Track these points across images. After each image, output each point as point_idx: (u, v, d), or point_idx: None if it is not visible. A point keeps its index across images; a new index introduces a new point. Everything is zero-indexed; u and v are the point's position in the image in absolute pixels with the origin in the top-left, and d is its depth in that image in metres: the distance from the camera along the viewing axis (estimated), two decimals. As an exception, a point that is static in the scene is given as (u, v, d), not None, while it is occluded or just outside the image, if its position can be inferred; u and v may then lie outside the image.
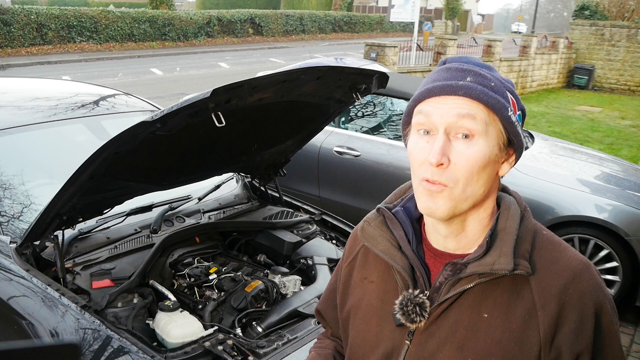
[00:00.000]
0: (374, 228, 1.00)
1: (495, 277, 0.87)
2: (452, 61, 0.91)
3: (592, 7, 18.43)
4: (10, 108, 2.58)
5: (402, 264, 0.94)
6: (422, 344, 0.92)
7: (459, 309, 0.89)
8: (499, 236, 0.89)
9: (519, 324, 0.86)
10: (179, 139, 1.78)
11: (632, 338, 3.53)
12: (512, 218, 0.91)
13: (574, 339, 0.84)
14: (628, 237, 3.50)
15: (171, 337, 1.72)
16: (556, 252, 0.90)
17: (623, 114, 12.66)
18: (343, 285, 1.08)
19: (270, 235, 2.45)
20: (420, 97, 0.89)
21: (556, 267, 0.88)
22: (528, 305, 0.86)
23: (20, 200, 2.15)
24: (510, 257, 0.86)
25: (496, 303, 0.88)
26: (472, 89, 0.85)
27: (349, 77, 2.04)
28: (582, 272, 0.87)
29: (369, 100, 4.64)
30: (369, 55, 10.26)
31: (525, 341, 0.85)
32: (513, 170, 3.79)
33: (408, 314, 0.90)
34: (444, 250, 0.94)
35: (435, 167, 0.84)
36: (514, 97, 0.90)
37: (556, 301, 0.85)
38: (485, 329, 0.87)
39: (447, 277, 0.90)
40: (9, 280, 1.80)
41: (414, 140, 0.90)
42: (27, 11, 17.09)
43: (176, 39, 21.68)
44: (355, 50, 21.56)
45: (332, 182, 4.35)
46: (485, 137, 0.85)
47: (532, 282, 0.87)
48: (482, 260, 0.88)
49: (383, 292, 0.99)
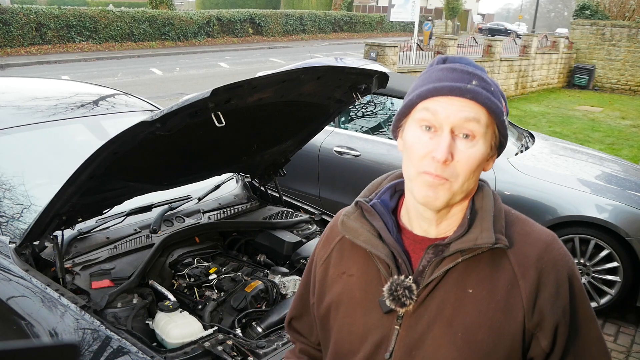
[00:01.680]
0: (353, 221, 1.04)
1: (476, 254, 0.94)
2: (454, 61, 0.95)
3: (592, 6, 18.42)
4: (10, 108, 2.57)
5: (384, 252, 0.98)
6: (412, 326, 0.96)
7: (445, 287, 0.95)
8: (478, 214, 0.96)
9: (502, 294, 0.93)
10: (179, 139, 1.78)
11: (632, 338, 3.52)
12: (486, 197, 0.99)
13: (554, 301, 0.93)
14: (629, 238, 3.49)
15: (171, 338, 1.72)
16: (527, 226, 0.99)
17: (624, 114, 12.66)
18: (319, 283, 1.10)
19: (270, 235, 2.45)
20: (427, 94, 0.92)
21: (529, 239, 0.96)
22: (509, 276, 0.93)
23: (19, 200, 2.15)
24: (491, 231, 0.93)
25: (479, 278, 0.94)
26: (479, 93, 0.90)
27: (349, 77, 2.04)
28: (552, 242, 0.97)
29: (369, 100, 4.64)
30: (369, 55, 10.26)
31: (510, 309, 0.92)
32: (513, 171, 3.83)
33: (398, 298, 0.94)
34: (424, 235, 1.00)
35: (441, 164, 0.89)
36: (504, 101, 0.96)
37: (534, 269, 0.93)
38: (472, 303, 0.93)
39: (430, 259, 0.96)
40: (8, 281, 1.80)
41: (415, 134, 0.94)
42: (27, 11, 17.08)
43: (176, 38, 21.68)
44: (355, 50, 21.56)
45: (332, 182, 4.35)
46: (484, 139, 0.92)
47: (510, 254, 0.94)
48: (464, 238, 0.94)
49: (365, 283, 1.02)
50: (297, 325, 1.21)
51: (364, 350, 0.99)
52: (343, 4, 36.90)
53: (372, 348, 0.99)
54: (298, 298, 1.21)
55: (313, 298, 1.12)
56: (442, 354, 0.93)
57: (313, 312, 1.13)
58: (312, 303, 1.12)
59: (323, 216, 2.72)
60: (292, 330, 1.23)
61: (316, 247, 1.16)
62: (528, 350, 0.94)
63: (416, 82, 0.97)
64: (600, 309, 3.69)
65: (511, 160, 3.96)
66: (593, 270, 3.70)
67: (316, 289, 1.11)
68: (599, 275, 3.68)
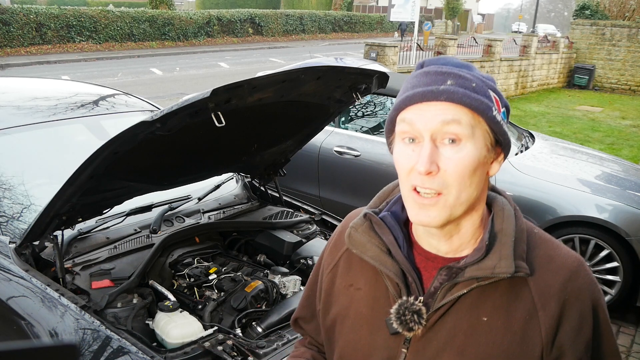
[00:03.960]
0: (361, 234, 0.96)
1: (492, 281, 0.86)
2: (430, 64, 0.88)
3: (592, 6, 18.42)
4: (10, 108, 2.57)
5: (393, 270, 0.92)
6: (420, 351, 0.90)
7: (457, 313, 0.88)
8: (497, 238, 0.88)
9: (520, 325, 0.85)
10: (179, 139, 1.78)
11: (632, 338, 3.52)
12: (507, 219, 0.90)
13: (575, 336, 0.85)
14: (629, 237, 3.49)
15: (171, 338, 1.71)
16: (550, 250, 0.90)
17: (624, 114, 12.66)
18: (325, 292, 1.05)
19: (270, 235, 2.45)
20: (402, 105, 0.86)
21: (552, 266, 0.88)
22: (528, 306, 0.86)
23: (19, 200, 2.15)
24: (511, 260, 0.85)
25: (495, 306, 0.87)
26: (454, 92, 0.82)
27: (349, 77, 2.04)
28: (578, 269, 0.88)
29: (369, 100, 4.64)
30: (369, 55, 10.26)
31: (527, 342, 0.85)
32: (513, 171, 3.83)
33: (406, 322, 0.88)
34: (436, 253, 0.93)
35: (425, 176, 0.83)
36: (496, 95, 0.87)
37: (556, 300, 0.85)
38: (486, 332, 0.86)
39: (442, 281, 0.89)
40: (8, 281, 1.80)
41: (399, 149, 0.88)
42: (27, 11, 17.09)
43: (176, 38, 21.68)
44: (355, 50, 21.55)
45: (332, 182, 4.35)
46: (473, 140, 0.83)
47: (530, 282, 0.86)
48: (481, 264, 0.86)
49: (372, 300, 0.96)
50: (303, 326, 1.18)
51: None
52: (343, 4, 36.91)
53: None
54: (305, 299, 1.16)
55: (319, 305, 1.07)
56: None
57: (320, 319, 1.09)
58: (318, 310, 1.08)
59: (323, 216, 2.72)
60: (298, 327, 1.20)
61: (324, 250, 1.11)
62: None
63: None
64: (600, 309, 3.69)
65: (511, 160, 3.96)
66: (593, 271, 3.69)
67: (322, 298, 1.06)
68: (599, 275, 3.68)
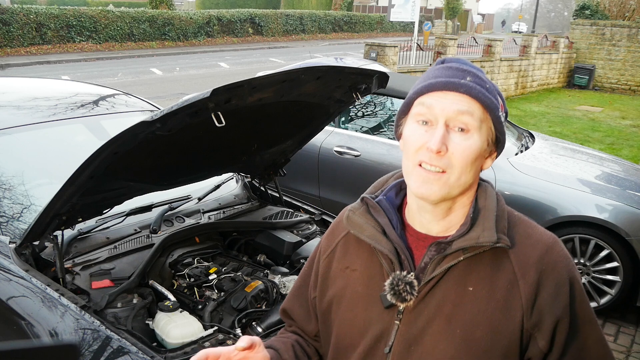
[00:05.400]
0: (359, 216, 1.06)
1: (477, 253, 0.95)
2: (451, 61, 0.99)
3: (592, 6, 18.42)
4: (10, 108, 2.58)
5: (387, 248, 1.00)
6: (412, 322, 0.97)
7: (445, 285, 0.96)
8: (481, 213, 0.98)
9: (502, 293, 0.94)
10: (179, 139, 1.78)
11: (632, 338, 3.52)
12: (489, 198, 1.01)
13: (552, 302, 0.94)
14: (629, 237, 3.49)
15: (171, 338, 1.71)
16: (529, 228, 1.00)
17: (624, 114, 12.66)
18: (322, 277, 1.12)
19: (270, 235, 2.44)
20: (423, 90, 0.96)
21: (531, 241, 0.97)
22: (509, 276, 0.95)
23: (19, 200, 2.15)
24: (493, 230, 0.95)
25: (480, 276, 0.95)
26: (472, 88, 0.93)
27: (349, 77, 2.04)
28: (553, 244, 0.98)
29: (369, 100, 4.64)
30: (369, 55, 10.26)
31: (509, 309, 0.94)
32: (513, 171, 3.83)
33: (399, 293, 0.95)
34: (427, 233, 1.02)
35: (435, 154, 0.92)
36: (501, 99, 0.98)
37: (534, 270, 0.94)
38: (472, 301, 0.95)
39: (432, 256, 0.97)
40: (8, 281, 1.80)
41: (412, 128, 0.97)
42: (27, 11, 17.08)
43: (176, 38, 21.68)
44: (355, 50, 21.55)
45: (332, 182, 4.35)
46: (479, 133, 0.94)
47: (511, 255, 0.96)
48: (466, 236, 0.95)
49: (368, 278, 1.04)
50: (292, 313, 1.23)
51: (363, 344, 1.01)
52: (343, 4, 36.90)
53: (372, 342, 1.00)
54: (296, 289, 1.22)
55: (314, 292, 1.14)
56: (440, 350, 0.95)
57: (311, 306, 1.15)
58: (314, 297, 1.14)
59: (323, 216, 2.72)
60: (286, 316, 1.25)
61: (321, 240, 1.18)
62: (526, 351, 0.95)
63: (415, 83, 1.00)
64: (600, 309, 3.69)
65: (511, 160, 3.96)
66: (593, 270, 3.70)
67: (318, 283, 1.12)
68: (599, 275, 3.68)
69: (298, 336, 1.21)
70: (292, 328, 1.24)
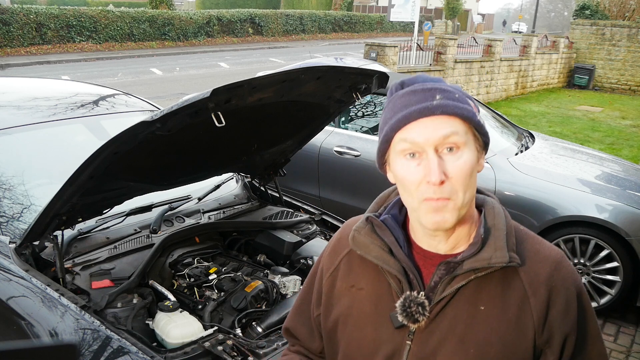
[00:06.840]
0: (364, 236, 1.03)
1: (488, 272, 0.94)
2: (411, 83, 0.95)
3: (592, 6, 18.42)
4: (10, 108, 2.58)
5: (395, 267, 0.98)
6: (424, 342, 0.96)
7: (456, 304, 0.95)
8: (491, 232, 0.97)
9: (514, 311, 0.94)
10: (179, 139, 1.78)
11: (632, 338, 3.52)
12: (498, 216, 0.99)
13: (562, 319, 0.94)
14: (629, 237, 3.49)
15: (171, 338, 1.71)
16: (536, 244, 1.00)
17: (624, 114, 12.66)
18: (326, 295, 1.10)
19: (270, 235, 2.45)
20: (399, 125, 0.92)
21: (539, 257, 0.97)
22: (520, 294, 0.94)
23: (19, 200, 2.15)
24: (505, 250, 0.93)
25: (491, 295, 0.95)
26: (447, 105, 0.90)
27: (349, 77, 2.04)
28: (561, 260, 0.98)
29: (369, 100, 4.64)
30: (369, 55, 10.25)
31: (521, 326, 0.93)
32: (513, 171, 3.83)
33: (411, 314, 0.94)
34: (434, 251, 1.00)
35: (438, 186, 0.89)
36: (471, 100, 0.96)
37: (544, 288, 0.94)
38: (484, 320, 0.94)
39: (441, 275, 0.96)
40: (8, 281, 1.80)
41: (402, 165, 0.94)
42: (27, 11, 17.07)
43: (176, 38, 21.67)
44: (355, 50, 21.55)
45: (332, 182, 4.35)
46: (468, 146, 0.92)
47: (521, 272, 0.95)
48: (478, 256, 0.94)
49: (376, 298, 1.02)
50: (295, 332, 1.21)
51: None
52: (343, 4, 36.89)
53: None
54: (297, 307, 1.21)
55: (317, 310, 1.13)
56: None
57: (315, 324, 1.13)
58: (317, 315, 1.13)
59: (323, 216, 2.72)
60: (289, 335, 1.24)
61: (321, 257, 1.16)
62: None
63: (384, 115, 0.97)
64: (600, 309, 3.69)
65: (511, 160, 3.95)
66: (593, 270, 3.69)
67: (322, 301, 1.11)
68: (599, 275, 3.68)
69: (303, 356, 1.20)
70: (295, 347, 1.23)
